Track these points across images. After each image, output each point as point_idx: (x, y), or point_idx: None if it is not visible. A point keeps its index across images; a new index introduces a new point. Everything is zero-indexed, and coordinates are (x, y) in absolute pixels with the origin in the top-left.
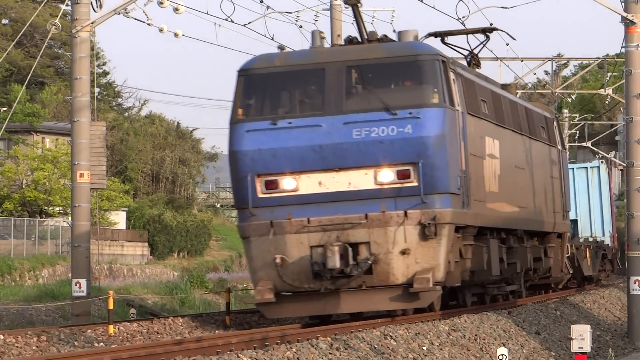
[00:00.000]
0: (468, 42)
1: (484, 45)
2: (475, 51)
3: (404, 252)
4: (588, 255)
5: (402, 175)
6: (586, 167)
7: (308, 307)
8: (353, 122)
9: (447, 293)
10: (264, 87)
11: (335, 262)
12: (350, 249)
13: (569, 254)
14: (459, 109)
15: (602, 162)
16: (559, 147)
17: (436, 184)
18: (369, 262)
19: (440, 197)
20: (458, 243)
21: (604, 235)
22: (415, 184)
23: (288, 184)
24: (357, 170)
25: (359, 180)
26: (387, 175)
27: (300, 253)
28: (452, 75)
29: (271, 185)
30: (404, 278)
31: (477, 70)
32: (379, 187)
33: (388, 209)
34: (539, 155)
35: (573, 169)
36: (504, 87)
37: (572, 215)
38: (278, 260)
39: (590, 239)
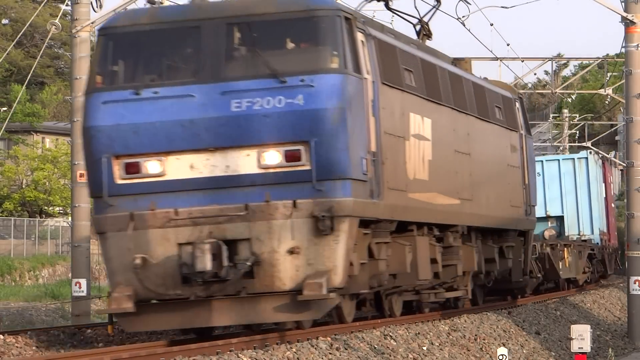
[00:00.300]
0: (416, 8)
1: (435, 12)
2: (426, 19)
3: (292, 252)
4: (566, 255)
5: (291, 157)
6: (573, 159)
7: (175, 319)
8: (232, 91)
9: (374, 300)
10: (128, 49)
11: (205, 263)
12: (225, 247)
13: (536, 254)
14: (369, 78)
15: (590, 152)
16: (522, 132)
17: (333, 167)
18: (249, 263)
19: (338, 184)
20: (366, 241)
21: (592, 233)
22: (307, 167)
23: (152, 167)
24: (236, 150)
25: (239, 163)
26: (272, 157)
27: (166, 252)
28: (360, 36)
29: (132, 169)
30: (293, 283)
31: (427, 41)
32: (263, 171)
33: (273, 199)
34: (491, 139)
35: (559, 160)
36: (456, 61)
37: (558, 212)
38: (138, 261)
39: (574, 238)
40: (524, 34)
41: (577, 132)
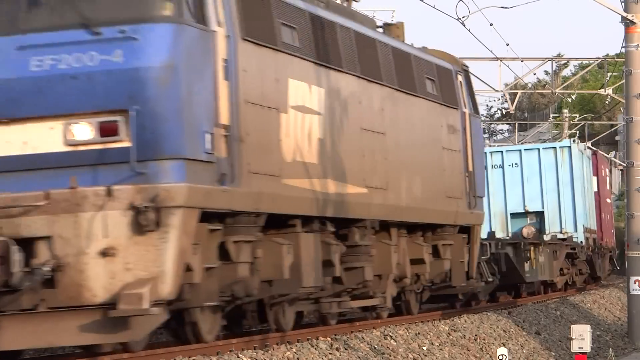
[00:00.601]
0: None
1: None
2: None
3: (105, 253)
4: (533, 256)
5: (107, 131)
6: (555, 148)
7: None
8: (32, 45)
9: (258, 312)
10: None
11: None
12: (17, 248)
13: (488, 254)
14: (220, 31)
15: (573, 141)
16: (465, 110)
17: (160, 144)
18: (49, 268)
19: (166, 166)
20: (215, 239)
21: (576, 230)
22: (127, 144)
23: None
24: (37, 122)
25: (40, 138)
26: (83, 131)
27: None
28: None
29: None
30: (107, 294)
31: (354, 3)
32: (70, 149)
33: (82, 184)
34: (418, 117)
35: (539, 149)
36: (386, 26)
37: (537, 207)
38: None
39: (549, 236)
40: (524, 34)
41: (577, 132)
